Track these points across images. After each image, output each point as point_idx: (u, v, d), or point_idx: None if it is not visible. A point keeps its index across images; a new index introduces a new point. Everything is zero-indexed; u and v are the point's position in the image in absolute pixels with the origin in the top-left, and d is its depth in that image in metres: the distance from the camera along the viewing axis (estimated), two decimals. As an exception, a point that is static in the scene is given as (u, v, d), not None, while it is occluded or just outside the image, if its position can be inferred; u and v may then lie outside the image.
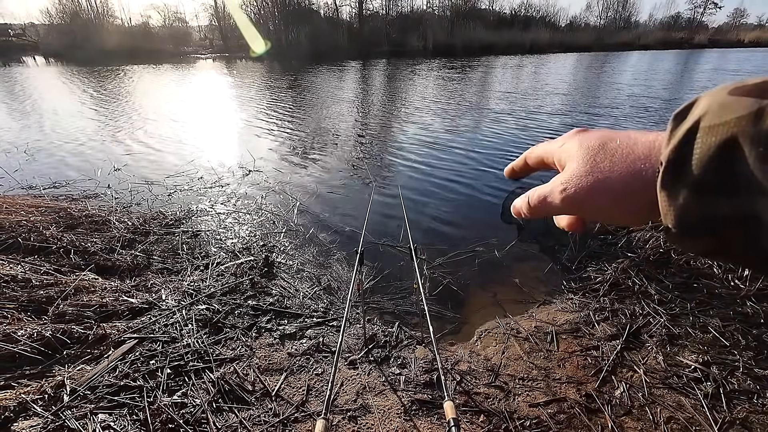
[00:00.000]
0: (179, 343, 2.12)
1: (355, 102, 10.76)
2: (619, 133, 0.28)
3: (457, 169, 5.27)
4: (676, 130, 0.23)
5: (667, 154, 0.23)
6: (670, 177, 0.23)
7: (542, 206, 0.31)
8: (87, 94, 11.90)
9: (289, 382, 1.95)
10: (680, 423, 1.72)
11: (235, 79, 17.02)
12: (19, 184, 4.58)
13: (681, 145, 0.22)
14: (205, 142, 6.66)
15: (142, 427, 1.66)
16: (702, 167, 0.21)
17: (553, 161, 0.33)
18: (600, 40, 43.57)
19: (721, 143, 0.20)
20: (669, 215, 0.23)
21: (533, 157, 0.36)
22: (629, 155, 0.26)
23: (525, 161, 0.37)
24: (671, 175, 0.23)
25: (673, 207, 0.23)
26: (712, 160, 0.21)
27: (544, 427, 1.71)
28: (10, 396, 1.73)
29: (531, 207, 0.32)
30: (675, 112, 0.24)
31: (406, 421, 1.75)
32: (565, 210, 0.30)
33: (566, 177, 0.29)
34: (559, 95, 11.31)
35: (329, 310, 2.52)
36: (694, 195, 0.22)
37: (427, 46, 35.45)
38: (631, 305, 2.47)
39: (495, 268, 3.02)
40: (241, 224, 3.68)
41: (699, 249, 0.24)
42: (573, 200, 0.29)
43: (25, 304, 2.31)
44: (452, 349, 2.21)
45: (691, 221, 0.23)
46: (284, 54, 30.86)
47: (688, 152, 0.22)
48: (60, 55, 29.10)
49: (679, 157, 0.22)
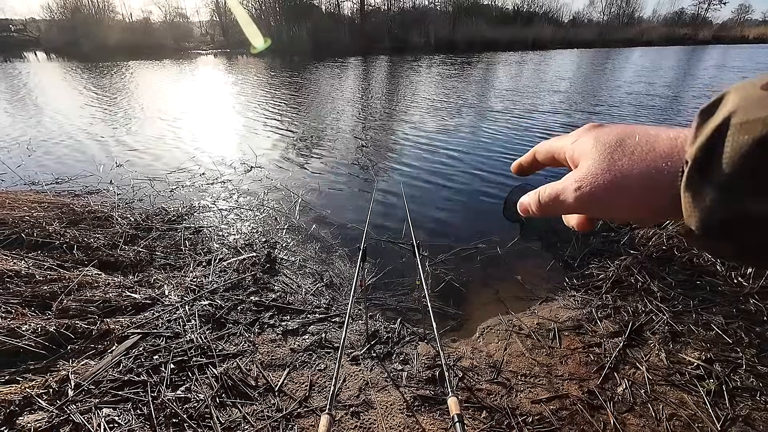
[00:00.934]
0: (182, 339, 2.13)
1: (356, 98, 10.72)
2: (637, 128, 0.27)
3: (459, 165, 5.26)
4: (702, 126, 0.22)
5: (694, 152, 0.22)
6: (697, 176, 0.22)
7: (554, 204, 0.30)
8: (88, 90, 11.89)
9: (292, 377, 1.96)
10: (683, 420, 1.72)
11: (236, 75, 16.98)
12: (22, 180, 4.59)
13: (709, 142, 0.21)
14: (206, 138, 6.65)
15: (146, 422, 1.67)
16: (734, 166, 0.20)
17: (565, 158, 0.31)
18: (603, 36, 43.31)
19: (757, 141, 0.19)
20: (693, 217, 0.22)
21: (543, 152, 0.34)
22: (649, 153, 0.25)
23: (534, 156, 0.36)
24: (698, 174, 0.21)
25: (698, 209, 0.22)
26: (745, 158, 0.19)
27: (546, 423, 1.72)
28: (15, 390, 1.74)
29: (541, 204, 0.31)
30: (701, 108, 0.23)
31: (408, 416, 1.75)
32: (579, 209, 0.29)
33: (581, 175, 0.28)
34: (560, 93, 11.25)
35: (331, 307, 2.53)
36: (722, 196, 0.21)
37: (429, 42, 35.26)
38: (634, 302, 2.46)
39: (497, 264, 3.02)
40: (243, 220, 3.68)
41: (724, 252, 0.23)
42: (588, 199, 0.27)
43: (29, 300, 2.32)
44: (454, 346, 2.21)
45: (717, 223, 0.21)
46: (285, 50, 30.74)
47: (717, 150, 0.20)
48: (61, 50, 29.07)
49: (707, 155, 0.21)
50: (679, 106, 8.90)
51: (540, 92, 11.18)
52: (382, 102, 10.22)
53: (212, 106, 9.68)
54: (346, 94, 11.30)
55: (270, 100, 10.34)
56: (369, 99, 10.69)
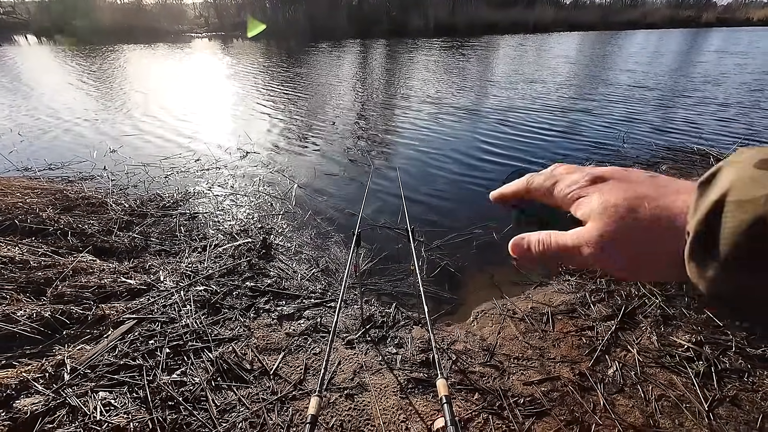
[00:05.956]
0: (178, 324, 2.14)
1: (353, 83, 10.57)
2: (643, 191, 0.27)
3: (455, 151, 5.22)
4: (701, 199, 0.23)
5: (694, 225, 0.23)
6: (699, 250, 0.23)
7: (559, 257, 0.31)
8: (81, 74, 11.66)
9: (287, 361, 1.98)
10: (671, 400, 1.75)
11: (231, 58, 16.66)
12: (14, 166, 4.54)
13: (707, 217, 0.22)
14: (201, 124, 6.56)
15: (143, 405, 1.69)
16: (732, 244, 0.21)
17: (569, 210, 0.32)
18: (605, 18, 42.48)
19: (752, 221, 0.20)
20: (701, 284, 0.23)
21: (533, 193, 0.34)
22: (662, 228, 0.26)
23: (526, 190, 0.35)
24: (699, 248, 0.23)
25: (702, 279, 0.23)
26: (742, 237, 0.20)
27: (537, 404, 1.75)
28: (11, 374, 1.75)
29: (545, 253, 0.31)
30: (699, 180, 0.24)
31: (402, 398, 1.78)
32: (587, 267, 0.31)
33: (593, 240, 0.28)
34: (560, 76, 11.10)
35: (327, 292, 2.54)
36: (724, 270, 0.21)
37: (429, 25, 34.55)
38: (627, 286, 2.48)
39: (493, 250, 3.03)
40: (238, 206, 3.66)
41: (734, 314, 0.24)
42: (601, 263, 0.28)
43: (24, 285, 2.32)
44: (449, 330, 2.23)
45: (722, 293, 0.22)
46: (282, 33, 30.11)
47: (715, 226, 0.21)
48: (52, 33, 28.39)
49: (706, 229, 0.22)
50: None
51: (540, 78, 11.03)
52: (379, 87, 10.07)
53: (207, 91, 9.53)
54: (342, 79, 11.12)
55: (266, 84, 10.18)
56: (366, 84, 10.53)
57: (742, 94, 8.25)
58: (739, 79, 10.04)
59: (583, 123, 6.41)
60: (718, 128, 6.00)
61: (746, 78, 10.17)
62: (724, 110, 7.00)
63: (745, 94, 8.25)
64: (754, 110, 6.97)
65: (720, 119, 6.46)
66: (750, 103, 7.47)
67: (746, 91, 8.54)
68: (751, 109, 7.03)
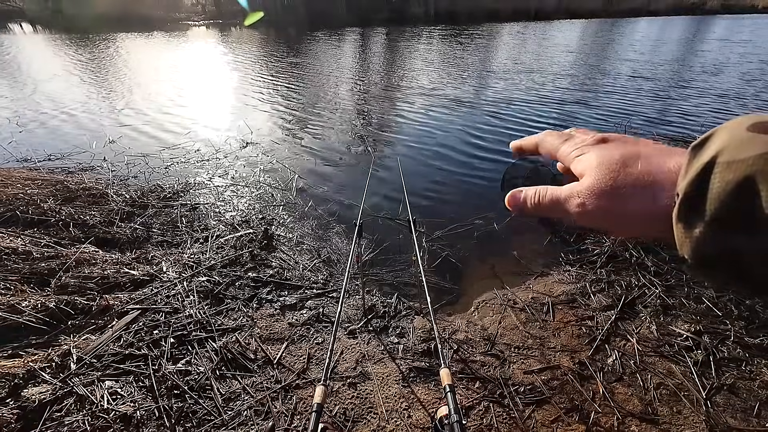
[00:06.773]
0: (181, 314, 2.15)
1: (353, 72, 10.45)
2: (642, 150, 0.28)
3: (456, 141, 5.19)
4: (692, 162, 0.23)
5: (684, 186, 0.23)
6: (687, 210, 0.23)
7: (553, 209, 0.32)
8: (78, 64, 11.54)
9: (290, 350, 2.00)
10: (669, 389, 1.78)
11: (229, 47, 16.45)
12: (14, 157, 4.52)
13: (698, 178, 0.22)
14: (201, 114, 6.51)
15: (148, 393, 1.71)
16: (719, 203, 0.21)
17: (569, 167, 0.33)
18: (608, 5, 41.85)
19: (740, 180, 0.20)
20: (685, 246, 0.24)
21: (546, 148, 0.36)
22: (650, 183, 0.26)
23: (536, 145, 0.37)
24: (687, 208, 0.23)
25: (689, 239, 0.23)
26: (729, 196, 0.21)
27: (538, 392, 1.77)
28: (18, 364, 1.77)
29: (540, 205, 0.33)
30: (692, 144, 0.24)
31: (404, 387, 1.81)
32: (576, 220, 0.31)
33: (584, 191, 0.29)
34: (561, 66, 10.98)
35: (329, 282, 2.55)
36: (710, 229, 0.22)
37: (429, 12, 34.05)
38: (628, 277, 2.49)
39: (494, 240, 3.04)
40: (239, 197, 3.66)
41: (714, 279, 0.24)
42: (589, 216, 0.29)
43: (28, 276, 2.34)
44: (450, 319, 2.25)
45: (706, 254, 0.23)
46: (280, 21, 29.68)
47: (704, 186, 0.22)
48: (47, 21, 27.99)
49: (696, 190, 0.22)
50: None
51: (541, 68, 10.91)
52: (380, 77, 9.97)
53: (206, 81, 9.43)
54: (342, 68, 11.00)
55: (265, 74, 10.08)
56: (366, 73, 10.42)
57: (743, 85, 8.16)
58: (741, 68, 9.93)
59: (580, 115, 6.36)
60: (719, 119, 5.96)
61: (748, 67, 10.06)
62: (724, 100, 6.94)
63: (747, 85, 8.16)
64: (754, 100, 6.92)
65: (718, 110, 6.41)
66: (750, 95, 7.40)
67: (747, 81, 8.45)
68: (752, 100, 6.97)
